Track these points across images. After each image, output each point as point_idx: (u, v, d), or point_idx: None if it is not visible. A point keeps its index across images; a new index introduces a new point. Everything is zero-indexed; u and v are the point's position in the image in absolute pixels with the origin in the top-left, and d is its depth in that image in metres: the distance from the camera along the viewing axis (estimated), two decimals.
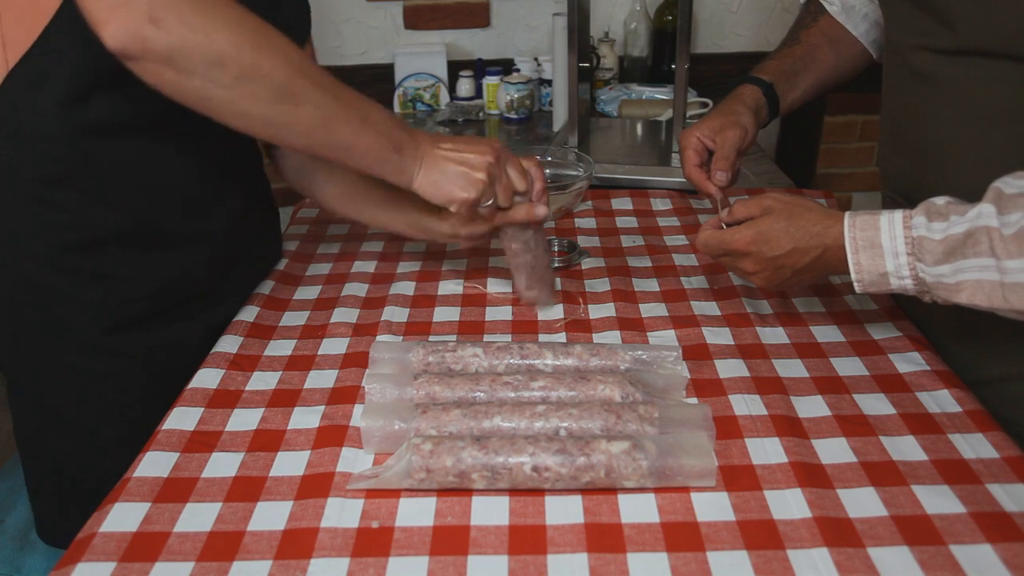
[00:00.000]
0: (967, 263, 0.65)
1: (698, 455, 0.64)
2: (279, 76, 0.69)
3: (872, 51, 1.01)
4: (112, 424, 0.86)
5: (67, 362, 0.84)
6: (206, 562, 0.59)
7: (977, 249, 0.64)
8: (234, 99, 0.68)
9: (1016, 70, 0.71)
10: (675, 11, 1.74)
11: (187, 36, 0.64)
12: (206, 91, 0.67)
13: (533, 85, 1.79)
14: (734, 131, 0.94)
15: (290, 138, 0.73)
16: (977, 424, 0.70)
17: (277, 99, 0.70)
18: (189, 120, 0.81)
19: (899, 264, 0.69)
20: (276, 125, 0.72)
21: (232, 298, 0.95)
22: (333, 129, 0.74)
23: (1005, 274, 0.63)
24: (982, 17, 0.71)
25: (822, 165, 2.14)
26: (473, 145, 0.81)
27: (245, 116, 0.70)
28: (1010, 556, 0.57)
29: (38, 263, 0.80)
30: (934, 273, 0.67)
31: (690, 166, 0.97)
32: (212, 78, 0.66)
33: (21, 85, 0.74)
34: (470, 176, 0.80)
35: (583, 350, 0.78)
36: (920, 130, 0.82)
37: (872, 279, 0.71)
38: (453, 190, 0.80)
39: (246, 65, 0.67)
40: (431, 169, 0.80)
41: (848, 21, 1.00)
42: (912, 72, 0.81)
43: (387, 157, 0.78)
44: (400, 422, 0.68)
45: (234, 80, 0.67)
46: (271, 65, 0.69)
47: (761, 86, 0.99)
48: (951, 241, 0.65)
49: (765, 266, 0.77)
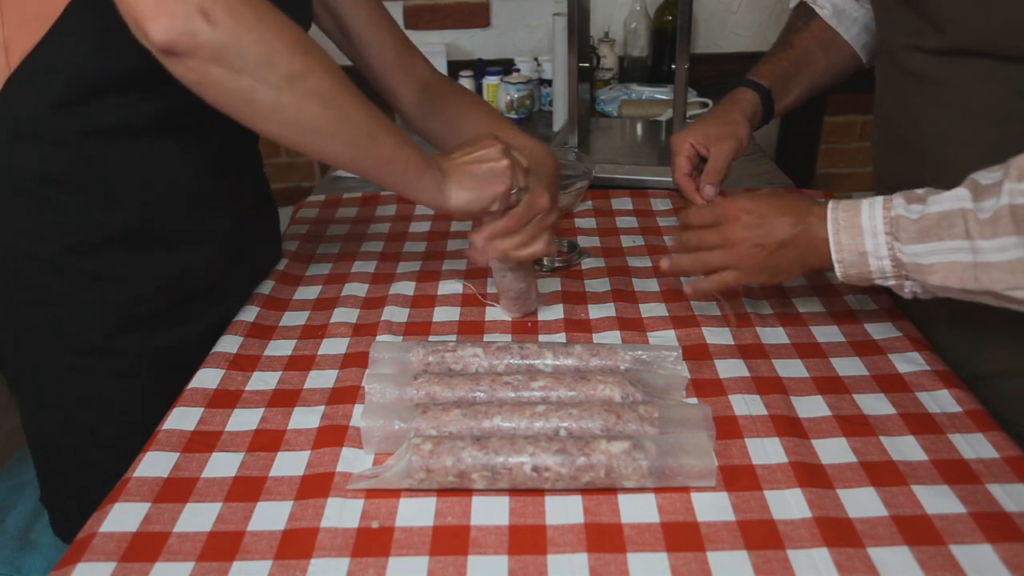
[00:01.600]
0: (941, 245, 0.66)
1: (698, 455, 0.64)
2: (326, 82, 0.68)
3: (862, 55, 1.01)
4: (114, 424, 0.86)
5: (68, 362, 0.84)
6: (206, 562, 0.59)
7: (952, 231, 0.65)
8: (283, 103, 0.66)
9: (1005, 69, 0.71)
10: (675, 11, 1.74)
11: (240, 32, 0.63)
12: (254, 92, 0.65)
13: (533, 85, 1.79)
14: (729, 143, 0.94)
15: (335, 148, 0.71)
16: (977, 424, 0.70)
17: (325, 106, 0.68)
18: (191, 122, 0.82)
19: (878, 243, 0.70)
20: (323, 134, 0.69)
21: (232, 298, 0.95)
22: (378, 140, 0.72)
23: (978, 254, 0.64)
24: (971, 18, 0.71)
25: (822, 165, 2.14)
26: (476, 143, 0.81)
27: (292, 123, 0.68)
28: (1010, 556, 0.57)
29: (40, 264, 0.80)
30: (910, 252, 0.68)
31: (680, 173, 0.97)
32: (262, 77, 0.64)
33: (23, 87, 0.74)
34: (496, 167, 0.78)
35: (583, 350, 0.78)
36: (912, 129, 0.82)
37: (852, 259, 0.71)
38: (491, 187, 0.78)
39: (297, 67, 0.65)
40: (460, 180, 0.78)
41: (840, 25, 1.00)
42: (903, 72, 0.82)
43: (423, 170, 0.76)
44: (400, 422, 0.68)
45: (284, 81, 0.65)
46: (320, 70, 0.67)
47: (759, 92, 0.99)
48: (927, 220, 0.66)
49: (750, 235, 0.77)
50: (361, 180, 1.39)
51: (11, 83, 0.74)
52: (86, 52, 0.73)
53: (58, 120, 0.76)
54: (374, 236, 1.15)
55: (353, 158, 0.73)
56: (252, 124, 0.68)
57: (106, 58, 0.74)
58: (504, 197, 0.79)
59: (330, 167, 1.53)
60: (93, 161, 0.78)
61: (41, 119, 0.75)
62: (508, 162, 0.79)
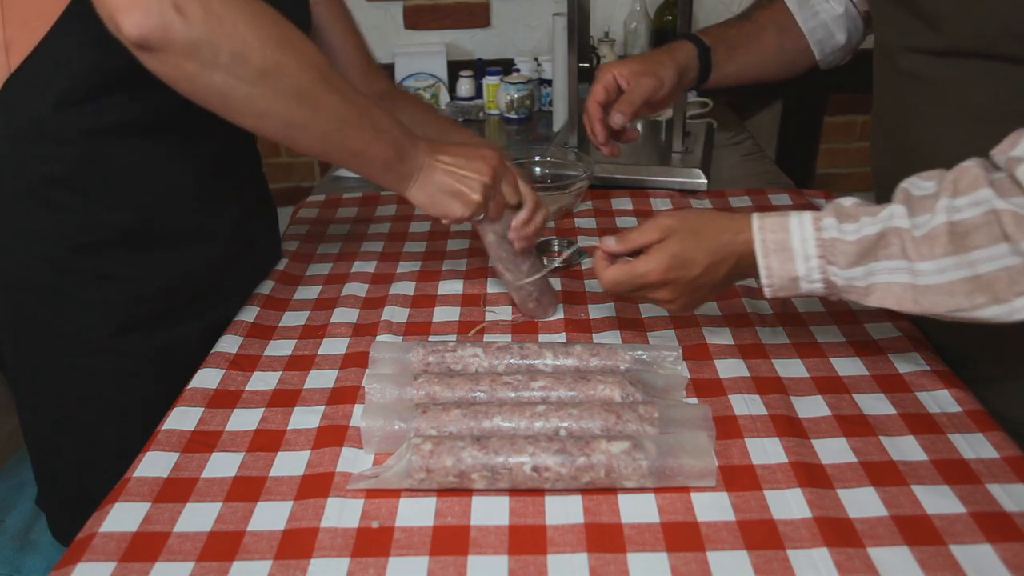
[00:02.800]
0: (878, 265, 0.65)
1: (698, 455, 0.64)
2: (302, 76, 0.68)
3: (816, 51, 1.01)
4: (115, 424, 0.86)
5: (70, 362, 0.84)
6: (206, 562, 0.59)
7: (889, 251, 0.64)
8: (255, 96, 0.67)
9: (1001, 70, 0.71)
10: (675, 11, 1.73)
11: (213, 27, 0.63)
12: (227, 86, 0.65)
13: (533, 85, 1.78)
14: (649, 80, 0.93)
15: (304, 140, 0.72)
16: (977, 424, 0.70)
17: (298, 100, 0.69)
18: (192, 121, 0.82)
19: (810, 268, 0.68)
20: (294, 127, 0.70)
21: (232, 298, 0.95)
22: (346, 134, 0.73)
23: (917, 276, 0.63)
24: (966, 19, 0.71)
25: (822, 165, 2.14)
26: (472, 161, 0.81)
27: (264, 116, 0.69)
28: (1010, 556, 0.57)
29: (41, 264, 0.80)
30: (846, 276, 0.67)
31: (593, 100, 0.95)
32: (235, 72, 0.65)
33: (24, 87, 0.74)
34: (465, 195, 0.80)
35: (583, 350, 0.78)
36: (908, 129, 0.82)
37: (783, 283, 0.70)
38: (447, 207, 0.80)
39: (270, 61, 0.66)
40: (427, 182, 0.80)
41: (799, 13, 1.00)
42: (900, 72, 0.82)
43: (391, 166, 0.77)
44: (400, 422, 0.68)
45: (257, 76, 0.66)
46: (295, 64, 0.68)
47: (698, 47, 0.98)
48: (864, 243, 0.65)
49: (683, 291, 0.73)
50: (361, 180, 1.39)
51: (12, 83, 0.74)
52: (88, 51, 0.73)
53: (60, 120, 0.76)
54: (374, 236, 1.15)
55: (324, 151, 0.74)
56: (228, 117, 0.69)
57: (108, 57, 0.74)
58: (457, 220, 0.81)
59: (330, 167, 1.53)
60: (95, 161, 0.78)
61: (43, 119, 0.75)
62: (480, 199, 0.80)
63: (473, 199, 0.80)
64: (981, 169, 0.61)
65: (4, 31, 0.74)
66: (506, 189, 0.84)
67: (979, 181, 0.60)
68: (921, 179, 0.65)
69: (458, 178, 0.80)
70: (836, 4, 1.00)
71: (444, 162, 0.80)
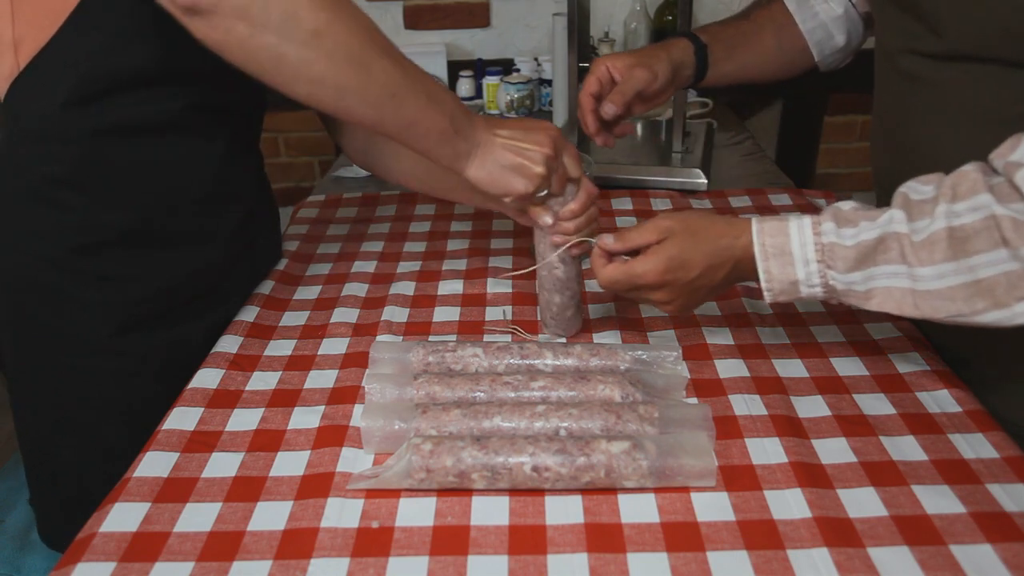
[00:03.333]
0: (878, 270, 0.65)
1: (698, 455, 0.64)
2: (352, 38, 0.66)
3: (815, 52, 1.00)
4: (114, 424, 0.86)
5: (70, 363, 0.84)
6: (206, 562, 0.59)
7: (888, 256, 0.64)
8: (308, 60, 0.65)
9: (1001, 73, 0.71)
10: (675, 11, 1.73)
11: None
12: (279, 49, 0.64)
13: (533, 85, 1.78)
14: (642, 71, 0.92)
15: (360, 108, 0.69)
16: (977, 424, 0.70)
17: (350, 62, 0.66)
18: (196, 122, 0.82)
19: (809, 272, 0.68)
20: (348, 92, 0.68)
21: (233, 298, 0.95)
22: (400, 101, 0.70)
23: (916, 281, 0.63)
24: (967, 22, 0.71)
25: (822, 165, 2.14)
26: (532, 134, 0.77)
27: (317, 81, 0.66)
28: (1010, 556, 0.57)
29: (42, 263, 0.80)
30: (845, 280, 0.67)
31: (586, 91, 0.94)
32: (287, 34, 0.63)
33: (31, 86, 0.74)
34: (527, 169, 0.75)
35: (583, 350, 0.78)
36: (908, 131, 0.82)
37: (782, 287, 0.70)
38: (509, 182, 0.75)
39: (321, 21, 0.64)
40: (486, 158, 0.75)
41: (798, 13, 0.99)
42: (901, 75, 0.82)
43: (447, 138, 0.73)
44: (400, 422, 0.68)
45: (309, 36, 0.64)
46: (344, 25, 0.66)
47: (695, 44, 0.97)
48: (863, 248, 0.65)
49: (680, 293, 0.73)
50: (361, 180, 1.40)
51: (20, 81, 0.74)
52: (96, 51, 0.73)
53: (66, 119, 0.76)
54: (374, 236, 1.15)
55: (378, 119, 0.71)
56: (280, 85, 0.67)
57: (115, 57, 0.74)
58: (520, 197, 0.77)
59: (330, 167, 1.53)
60: (98, 161, 0.78)
61: (49, 118, 0.75)
62: (543, 171, 0.76)
63: (536, 171, 0.75)
64: (980, 174, 0.61)
65: (13, 29, 0.74)
66: (568, 162, 0.79)
67: (978, 186, 0.60)
68: (919, 183, 0.65)
69: (519, 151, 0.75)
70: (836, 5, 1.00)
71: (503, 136, 0.76)
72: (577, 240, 0.80)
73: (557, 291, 0.83)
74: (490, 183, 0.76)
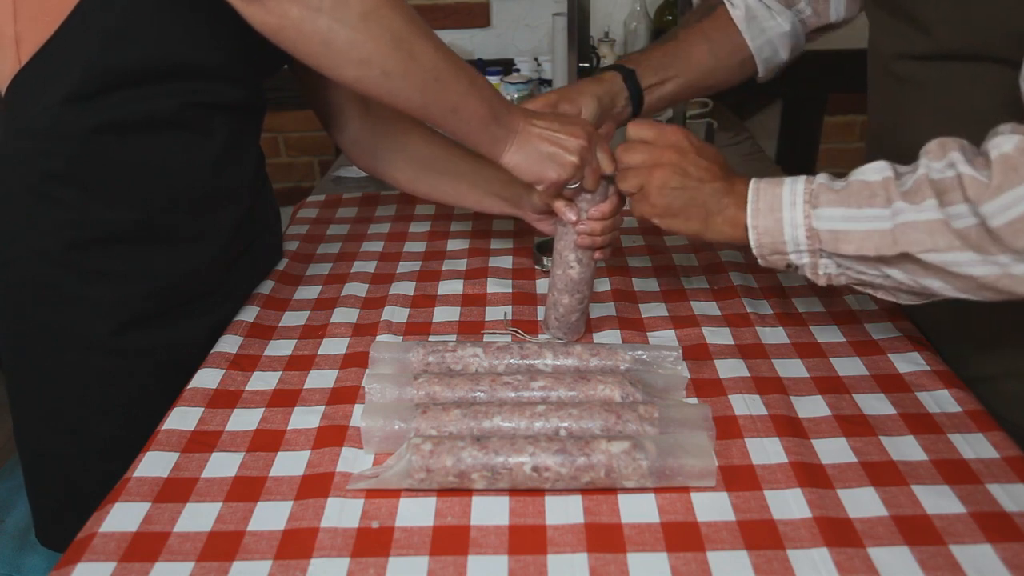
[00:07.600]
0: (860, 212, 0.66)
1: (698, 455, 0.64)
2: (397, 20, 0.68)
3: (760, 67, 1.00)
4: (114, 424, 0.86)
5: (70, 361, 0.84)
6: (206, 562, 0.59)
7: (873, 201, 0.66)
8: (357, 41, 0.67)
9: (992, 71, 0.71)
10: (675, 11, 1.74)
11: None
12: (331, 31, 0.66)
13: (533, 85, 1.78)
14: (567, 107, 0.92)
15: (404, 92, 0.71)
16: (977, 424, 0.70)
17: (396, 46, 0.68)
18: (196, 120, 0.82)
19: (795, 212, 0.70)
20: (393, 76, 0.69)
21: (233, 298, 0.95)
22: (443, 85, 0.72)
23: (897, 215, 0.64)
24: (957, 21, 0.72)
25: (822, 165, 2.14)
26: (567, 125, 0.79)
27: (366, 63, 0.68)
28: (1010, 556, 0.57)
29: (41, 260, 0.80)
30: (825, 216, 0.68)
31: None
32: (338, 16, 0.65)
33: (32, 82, 0.75)
34: (562, 157, 0.77)
35: (583, 350, 0.78)
36: (902, 132, 0.82)
37: (767, 224, 0.71)
38: (544, 170, 0.77)
39: (368, 3, 0.66)
40: (523, 145, 0.78)
41: (747, 31, 0.98)
42: (893, 77, 0.82)
43: (486, 125, 0.75)
44: (400, 422, 0.68)
45: (358, 18, 0.66)
46: (391, 9, 0.68)
47: (621, 72, 0.98)
48: (849, 188, 0.68)
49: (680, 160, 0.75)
50: (361, 180, 1.40)
51: (21, 77, 0.75)
52: (97, 48, 0.74)
53: (66, 115, 0.76)
54: (374, 236, 1.15)
55: (424, 104, 0.72)
56: (329, 68, 0.69)
57: (117, 54, 0.74)
58: (555, 186, 0.79)
59: (330, 167, 1.53)
60: (98, 157, 0.78)
61: (50, 114, 0.75)
62: (577, 160, 0.78)
63: (569, 160, 0.77)
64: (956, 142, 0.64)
65: (15, 26, 0.74)
66: (601, 157, 0.81)
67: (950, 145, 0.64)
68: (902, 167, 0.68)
69: (555, 140, 0.77)
70: (783, 21, 0.98)
71: (539, 126, 0.78)
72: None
73: (568, 292, 0.83)
74: (525, 169, 0.78)
